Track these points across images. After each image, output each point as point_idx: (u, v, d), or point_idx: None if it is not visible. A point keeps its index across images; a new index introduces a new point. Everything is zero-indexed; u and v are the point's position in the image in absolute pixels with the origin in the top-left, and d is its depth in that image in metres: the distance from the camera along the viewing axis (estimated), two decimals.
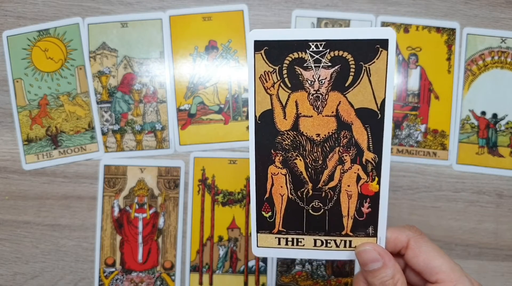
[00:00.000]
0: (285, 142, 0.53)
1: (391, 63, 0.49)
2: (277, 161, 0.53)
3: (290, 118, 0.52)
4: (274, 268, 0.79)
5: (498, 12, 0.82)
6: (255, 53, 0.51)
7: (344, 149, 0.52)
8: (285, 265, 0.79)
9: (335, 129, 0.52)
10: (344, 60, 0.50)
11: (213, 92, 0.82)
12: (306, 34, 0.50)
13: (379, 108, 0.50)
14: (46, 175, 0.82)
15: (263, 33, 0.50)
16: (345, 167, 0.53)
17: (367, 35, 0.49)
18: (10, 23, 0.82)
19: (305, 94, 0.51)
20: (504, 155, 0.81)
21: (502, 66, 0.81)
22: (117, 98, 0.82)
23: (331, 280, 0.79)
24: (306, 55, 0.50)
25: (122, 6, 0.82)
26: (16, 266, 0.82)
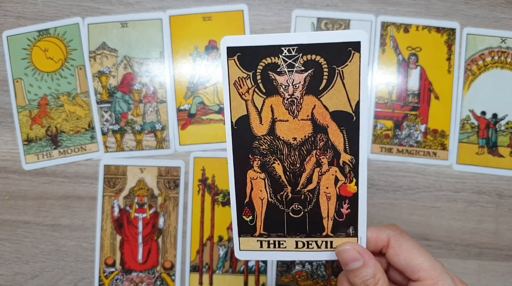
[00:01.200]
0: (262, 146, 0.53)
1: (364, 66, 0.50)
2: (255, 165, 0.54)
3: (266, 123, 0.52)
4: (274, 268, 0.79)
5: (498, 12, 0.82)
6: (228, 59, 0.50)
7: (321, 152, 0.53)
8: (285, 265, 0.79)
9: (311, 133, 0.52)
10: (317, 64, 0.50)
11: (213, 92, 0.82)
12: (278, 39, 0.50)
13: (354, 110, 0.51)
14: (46, 175, 0.82)
15: (235, 40, 0.50)
16: (323, 169, 0.53)
17: (339, 38, 0.49)
18: (10, 23, 0.82)
19: (280, 98, 0.52)
20: (504, 155, 0.81)
21: (502, 66, 0.81)
22: (117, 98, 0.82)
23: (331, 280, 0.79)
24: (279, 60, 0.50)
25: (122, 6, 0.82)
26: (16, 266, 0.82)
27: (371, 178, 0.81)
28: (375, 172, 0.81)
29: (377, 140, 0.81)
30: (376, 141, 0.81)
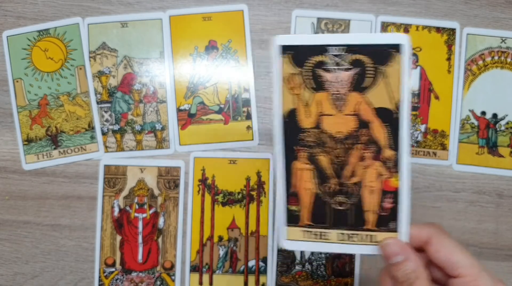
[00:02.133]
0: (309, 139, 0.56)
1: (405, 66, 0.52)
2: (302, 157, 0.56)
3: (313, 117, 0.55)
4: (274, 268, 0.79)
5: (498, 12, 0.82)
6: (281, 57, 0.54)
7: (364, 146, 0.55)
8: (285, 265, 0.79)
9: (355, 127, 0.55)
10: (362, 63, 0.53)
11: (213, 92, 0.82)
12: (328, 39, 0.54)
13: (396, 107, 0.53)
14: (46, 175, 0.82)
15: (288, 39, 0.54)
16: (366, 163, 0.55)
17: (384, 40, 0.52)
18: (10, 23, 0.82)
19: (326, 94, 0.54)
20: (504, 155, 0.81)
21: (502, 66, 0.81)
22: (117, 98, 0.82)
23: (331, 280, 0.80)
24: (328, 58, 0.53)
25: (122, 6, 0.82)
26: (16, 266, 0.82)
27: None
28: None
29: None
30: None
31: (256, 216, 0.80)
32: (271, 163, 0.81)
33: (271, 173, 0.81)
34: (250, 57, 0.82)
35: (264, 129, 0.82)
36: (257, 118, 0.81)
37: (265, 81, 0.82)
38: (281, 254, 0.79)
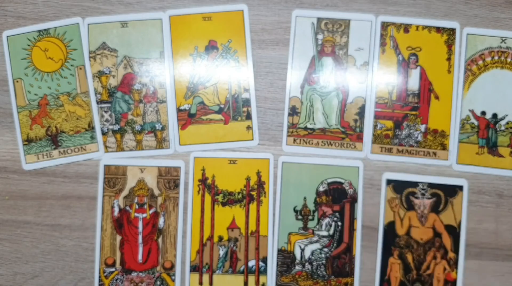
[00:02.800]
0: (401, 242, 0.80)
1: (465, 198, 0.80)
2: (395, 254, 0.80)
3: (405, 227, 0.81)
4: (274, 268, 0.79)
5: (498, 12, 0.82)
6: (387, 186, 0.81)
7: (436, 249, 0.80)
8: (285, 265, 0.80)
9: (432, 236, 0.80)
10: (439, 195, 0.80)
11: (213, 92, 0.82)
12: (418, 178, 0.81)
13: (458, 225, 0.80)
14: (46, 175, 0.82)
15: (393, 175, 0.81)
16: (437, 261, 0.80)
17: (452, 182, 0.81)
18: (10, 23, 0.83)
19: (415, 213, 0.81)
20: (504, 155, 0.81)
21: (502, 66, 0.81)
22: (117, 98, 0.82)
23: (331, 280, 0.80)
24: (417, 190, 0.81)
25: (122, 6, 0.82)
26: (16, 266, 0.82)
27: (371, 178, 0.81)
28: (375, 172, 0.81)
29: (377, 140, 0.81)
30: (376, 141, 0.81)
31: (256, 216, 0.80)
32: (271, 163, 0.81)
33: (271, 173, 0.81)
34: (250, 57, 0.82)
35: (264, 129, 0.81)
36: (257, 118, 0.81)
37: (265, 81, 0.82)
38: (281, 254, 0.80)
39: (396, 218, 0.81)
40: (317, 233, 0.80)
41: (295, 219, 0.80)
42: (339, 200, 0.81)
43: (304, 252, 0.80)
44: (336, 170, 0.80)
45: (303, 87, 0.82)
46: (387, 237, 0.81)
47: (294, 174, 0.81)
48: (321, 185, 0.80)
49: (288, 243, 0.80)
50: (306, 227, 0.80)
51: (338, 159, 0.81)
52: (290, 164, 0.81)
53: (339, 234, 0.80)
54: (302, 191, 0.81)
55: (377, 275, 0.81)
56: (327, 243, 0.80)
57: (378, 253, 0.81)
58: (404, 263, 0.80)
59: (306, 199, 0.80)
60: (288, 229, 0.80)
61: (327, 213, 0.80)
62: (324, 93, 0.82)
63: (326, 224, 0.80)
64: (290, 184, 0.80)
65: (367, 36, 0.82)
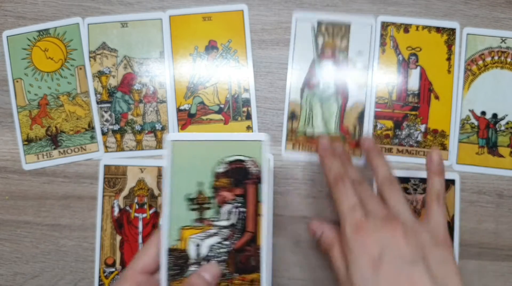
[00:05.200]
0: None
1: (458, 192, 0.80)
2: None
3: None
4: (164, 272, 0.64)
5: (498, 12, 0.82)
6: None
7: None
8: (178, 267, 0.63)
9: None
10: None
11: (213, 92, 0.82)
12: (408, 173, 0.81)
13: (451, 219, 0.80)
14: (46, 175, 0.82)
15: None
16: None
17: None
18: (10, 23, 0.83)
19: None
20: (504, 155, 0.81)
21: (502, 66, 0.81)
22: (117, 98, 0.82)
23: (234, 279, 0.65)
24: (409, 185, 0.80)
25: (122, 6, 0.82)
26: (16, 266, 0.82)
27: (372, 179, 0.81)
28: None
29: (377, 140, 0.81)
30: (376, 141, 0.81)
31: None
32: (271, 163, 0.81)
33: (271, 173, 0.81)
34: (250, 57, 0.82)
35: (264, 129, 0.81)
36: (257, 118, 0.81)
37: (265, 81, 0.82)
38: (172, 254, 0.63)
39: None
40: (215, 224, 0.64)
41: (189, 209, 0.64)
42: (242, 182, 0.64)
43: (201, 249, 0.64)
44: (236, 146, 0.64)
45: (303, 91, 0.82)
46: None
47: (186, 154, 0.64)
48: (220, 165, 0.64)
49: (180, 240, 0.63)
50: (202, 218, 0.64)
51: (238, 133, 0.66)
52: (180, 142, 0.64)
53: (242, 222, 0.64)
54: (196, 175, 0.64)
55: None
56: (228, 235, 0.64)
57: None
58: None
59: (202, 184, 0.64)
60: (179, 222, 0.63)
61: (227, 198, 0.64)
62: (323, 98, 0.82)
63: (226, 212, 0.64)
64: (181, 166, 0.64)
65: (367, 39, 0.82)
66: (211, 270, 0.61)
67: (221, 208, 0.64)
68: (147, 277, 0.60)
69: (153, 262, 0.61)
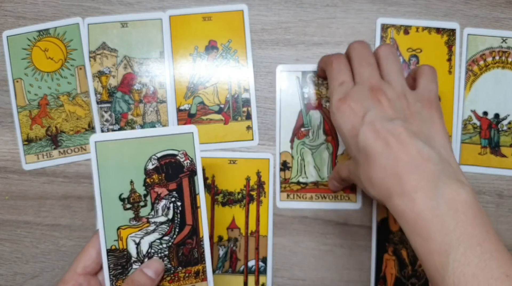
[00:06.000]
0: (395, 238, 0.80)
1: None
2: (390, 251, 0.79)
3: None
4: (106, 272, 0.64)
5: (498, 12, 0.82)
6: None
7: None
8: (120, 266, 0.63)
9: None
10: None
11: (213, 92, 0.82)
12: None
13: None
14: (46, 175, 0.82)
15: None
16: None
17: None
18: (10, 23, 0.83)
19: None
20: (506, 155, 0.81)
21: (503, 66, 0.81)
22: (117, 98, 0.82)
23: (179, 272, 0.65)
24: None
25: (122, 6, 0.82)
26: (16, 266, 0.82)
27: None
28: None
29: None
30: None
31: (256, 216, 0.80)
32: (271, 163, 0.81)
33: (271, 173, 0.81)
34: (250, 57, 0.82)
35: (264, 129, 0.81)
36: (257, 118, 0.81)
37: (265, 81, 0.82)
38: (112, 254, 0.63)
39: (389, 214, 0.80)
40: (153, 221, 0.64)
41: (123, 209, 0.63)
42: (175, 177, 0.64)
43: (141, 246, 0.64)
44: (166, 141, 0.64)
45: (293, 141, 0.82)
46: (381, 234, 0.80)
47: (113, 154, 0.63)
48: (150, 162, 0.64)
49: (119, 240, 0.63)
50: (138, 217, 0.64)
51: (166, 128, 0.71)
52: (106, 143, 0.63)
53: (180, 216, 0.65)
54: (127, 174, 0.63)
55: (372, 272, 0.79)
56: (167, 230, 0.64)
57: (372, 250, 0.80)
58: (399, 259, 0.79)
59: (133, 182, 0.63)
60: (116, 223, 0.63)
61: (162, 194, 0.64)
62: (314, 146, 0.82)
63: (162, 207, 0.65)
64: (110, 167, 0.63)
65: None
66: (153, 266, 0.61)
67: (157, 205, 0.64)
68: (88, 278, 0.61)
69: (93, 263, 0.61)
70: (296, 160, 0.82)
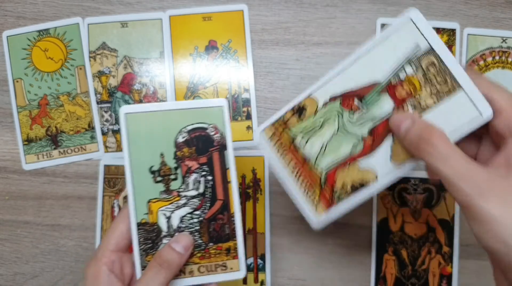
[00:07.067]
0: (395, 238, 0.81)
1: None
2: (390, 251, 0.81)
3: (399, 223, 0.81)
4: (136, 247, 0.61)
5: (498, 12, 0.82)
6: None
7: (431, 244, 0.80)
8: (150, 241, 0.61)
9: (425, 231, 0.81)
10: (430, 190, 0.81)
11: (213, 92, 0.82)
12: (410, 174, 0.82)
13: (451, 219, 0.80)
14: (46, 175, 0.82)
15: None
16: (432, 256, 0.80)
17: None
18: (10, 23, 0.83)
19: (408, 209, 0.81)
20: None
21: (503, 66, 0.81)
22: (117, 98, 0.82)
23: (210, 249, 0.62)
24: (409, 185, 0.81)
25: (122, 6, 0.82)
26: (16, 266, 0.82)
27: None
28: None
29: None
30: None
31: (252, 213, 0.80)
32: (265, 161, 0.81)
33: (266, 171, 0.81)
34: (250, 57, 0.82)
35: None
36: (257, 118, 0.81)
37: (265, 81, 0.82)
38: (142, 228, 0.60)
39: (389, 214, 0.81)
40: (184, 195, 0.62)
41: (154, 182, 0.61)
42: (205, 150, 0.62)
43: (171, 221, 0.62)
44: (196, 114, 0.61)
45: (334, 100, 0.60)
46: (381, 234, 0.81)
47: (143, 126, 0.61)
48: (180, 135, 0.62)
49: (149, 214, 0.60)
50: (169, 190, 0.61)
51: (196, 101, 0.66)
52: (135, 115, 0.61)
53: (211, 190, 0.62)
54: (157, 146, 0.61)
55: (372, 272, 0.80)
56: (198, 205, 0.62)
57: (372, 250, 0.80)
58: (399, 259, 0.80)
59: (164, 155, 0.61)
60: (146, 196, 0.61)
61: (192, 168, 0.62)
62: (346, 129, 0.60)
63: (193, 181, 0.62)
64: (140, 139, 0.61)
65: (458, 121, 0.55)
66: (183, 241, 0.59)
67: (187, 178, 0.62)
68: (120, 255, 0.59)
69: (124, 239, 0.59)
70: (314, 119, 0.61)
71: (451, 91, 0.54)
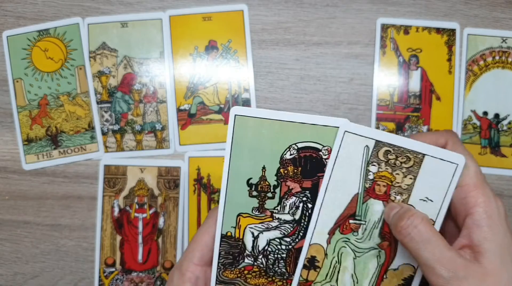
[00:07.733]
0: None
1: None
2: None
3: None
4: (216, 258, 0.57)
5: (498, 12, 0.82)
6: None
7: None
8: (231, 256, 0.56)
9: None
10: None
11: (213, 92, 0.82)
12: None
13: None
14: (46, 175, 0.82)
15: None
16: None
17: None
18: (10, 23, 0.83)
19: None
20: (506, 155, 0.81)
21: (503, 66, 0.81)
22: (117, 98, 0.82)
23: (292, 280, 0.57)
24: None
25: (122, 6, 0.82)
26: (16, 266, 0.82)
27: None
28: None
29: None
30: None
31: None
32: None
33: None
34: (250, 57, 0.82)
35: None
36: None
37: (265, 81, 0.82)
38: (226, 241, 0.56)
39: None
40: (277, 217, 0.55)
41: (249, 195, 0.55)
42: (312, 174, 0.54)
43: (258, 241, 0.56)
44: (311, 131, 0.53)
45: (332, 234, 0.56)
46: None
47: (251, 132, 0.54)
48: (288, 151, 0.54)
49: (236, 228, 0.55)
50: (262, 208, 0.55)
51: (315, 116, 0.54)
52: (245, 118, 0.54)
53: (308, 220, 0.55)
54: (261, 158, 0.54)
55: None
56: (290, 232, 0.56)
57: None
58: None
59: (266, 168, 0.54)
60: (237, 208, 0.55)
61: (293, 190, 0.55)
62: (360, 248, 0.56)
63: (290, 205, 0.55)
64: (245, 146, 0.54)
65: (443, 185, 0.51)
66: None
67: (285, 200, 0.56)
68: (204, 269, 0.55)
69: (210, 251, 0.55)
70: (329, 260, 0.56)
71: (419, 162, 0.51)
